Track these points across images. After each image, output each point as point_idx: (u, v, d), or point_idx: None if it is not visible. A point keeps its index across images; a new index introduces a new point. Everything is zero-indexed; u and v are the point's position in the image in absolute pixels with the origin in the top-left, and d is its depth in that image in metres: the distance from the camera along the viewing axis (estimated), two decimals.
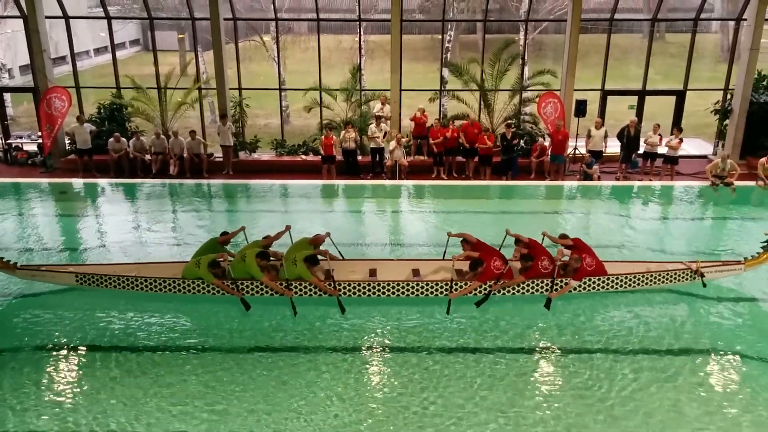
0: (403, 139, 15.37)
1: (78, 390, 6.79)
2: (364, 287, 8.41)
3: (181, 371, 7.06)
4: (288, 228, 9.40)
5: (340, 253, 9.30)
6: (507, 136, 15.03)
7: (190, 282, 8.47)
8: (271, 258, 8.84)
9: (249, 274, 8.38)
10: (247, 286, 8.45)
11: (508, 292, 8.56)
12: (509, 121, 15.79)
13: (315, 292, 8.47)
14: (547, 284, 8.51)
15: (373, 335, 7.86)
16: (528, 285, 8.53)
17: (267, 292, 8.46)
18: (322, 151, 15.22)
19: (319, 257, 8.81)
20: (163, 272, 8.79)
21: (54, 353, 7.49)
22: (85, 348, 7.59)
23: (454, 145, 15.37)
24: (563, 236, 9.05)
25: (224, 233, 9.34)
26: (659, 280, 8.75)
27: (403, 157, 15.22)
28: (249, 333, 7.92)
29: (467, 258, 8.72)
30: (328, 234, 9.31)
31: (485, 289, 8.44)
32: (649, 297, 8.72)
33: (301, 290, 8.46)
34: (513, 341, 7.72)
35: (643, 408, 6.44)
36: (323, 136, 15.19)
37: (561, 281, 8.51)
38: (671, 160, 15.06)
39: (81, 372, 7.15)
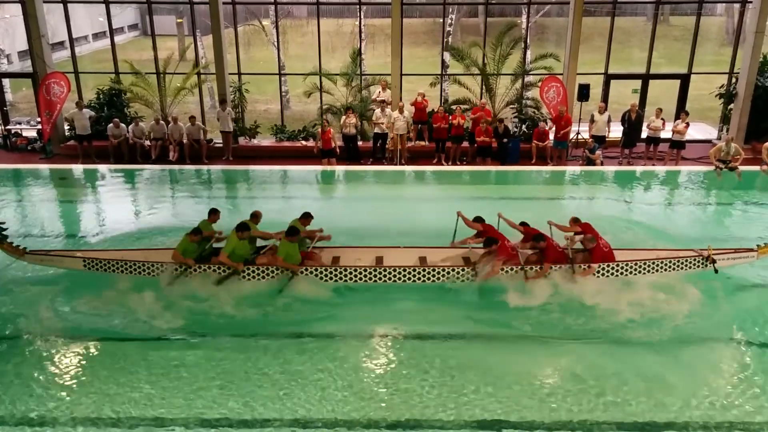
0: (405, 112, 15.00)
1: (85, 377, 6.78)
2: (371, 273, 8.43)
3: (183, 356, 7.06)
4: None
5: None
6: (499, 131, 15.05)
7: (195, 267, 8.51)
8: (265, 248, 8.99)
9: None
10: (242, 271, 8.49)
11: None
12: (501, 117, 15.70)
13: (282, 273, 8.46)
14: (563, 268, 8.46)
15: (379, 322, 7.81)
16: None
17: (269, 276, 8.45)
18: (320, 145, 14.87)
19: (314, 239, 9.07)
20: (170, 257, 8.77)
21: (60, 339, 7.46)
22: (91, 334, 7.55)
23: (460, 132, 15.23)
24: (575, 220, 8.96)
25: (214, 211, 9.35)
26: (670, 267, 8.64)
27: (405, 129, 14.85)
28: (251, 320, 7.88)
29: (479, 236, 8.82)
30: (321, 231, 9.29)
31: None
32: (659, 284, 8.52)
33: (271, 273, 8.49)
34: (516, 328, 7.67)
35: (648, 396, 6.40)
36: (320, 131, 14.89)
37: (580, 266, 8.46)
38: (678, 145, 14.90)
39: (87, 358, 7.14)
